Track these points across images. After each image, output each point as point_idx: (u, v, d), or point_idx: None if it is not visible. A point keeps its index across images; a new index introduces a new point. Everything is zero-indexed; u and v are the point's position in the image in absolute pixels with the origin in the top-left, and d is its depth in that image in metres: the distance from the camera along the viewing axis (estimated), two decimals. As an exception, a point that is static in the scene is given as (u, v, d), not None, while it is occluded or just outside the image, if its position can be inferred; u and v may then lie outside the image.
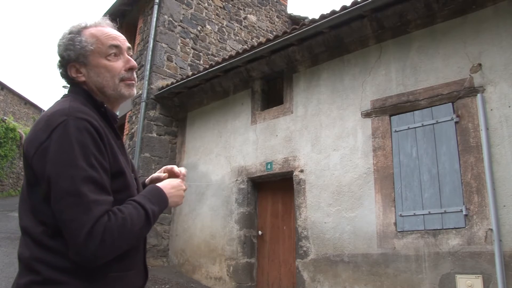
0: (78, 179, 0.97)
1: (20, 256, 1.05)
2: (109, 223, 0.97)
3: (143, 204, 1.08)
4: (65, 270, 0.99)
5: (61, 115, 1.04)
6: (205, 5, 9.26)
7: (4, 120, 14.13)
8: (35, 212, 1.05)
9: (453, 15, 4.53)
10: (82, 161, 0.98)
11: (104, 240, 0.95)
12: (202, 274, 6.56)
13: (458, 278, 3.89)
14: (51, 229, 1.01)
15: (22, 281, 1.01)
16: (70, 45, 1.17)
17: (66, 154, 0.98)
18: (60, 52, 1.18)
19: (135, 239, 1.06)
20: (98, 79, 1.18)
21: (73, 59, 1.17)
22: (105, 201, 1.00)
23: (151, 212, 1.09)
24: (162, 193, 1.18)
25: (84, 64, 1.17)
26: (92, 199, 0.96)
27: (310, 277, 5.09)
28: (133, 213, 1.04)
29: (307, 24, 5.47)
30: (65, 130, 1.00)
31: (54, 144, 0.99)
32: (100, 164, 1.03)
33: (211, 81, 7.16)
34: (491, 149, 3.99)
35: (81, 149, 0.99)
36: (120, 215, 1.00)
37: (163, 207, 1.17)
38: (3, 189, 14.30)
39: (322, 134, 5.44)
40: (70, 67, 1.18)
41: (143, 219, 1.06)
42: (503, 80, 4.07)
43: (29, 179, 1.07)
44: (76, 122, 1.02)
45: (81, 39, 1.17)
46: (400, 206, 4.49)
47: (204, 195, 6.96)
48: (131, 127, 8.21)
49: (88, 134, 1.02)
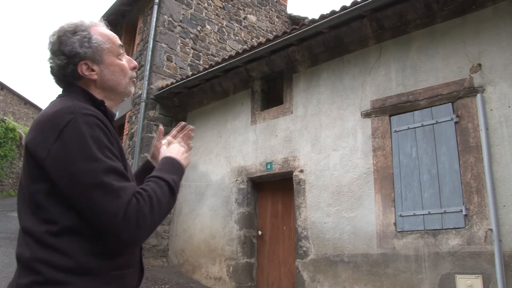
0: (100, 171, 0.98)
1: (20, 256, 1.03)
2: (139, 204, 0.99)
3: (162, 177, 1.12)
4: (69, 270, 0.98)
5: (66, 113, 1.02)
6: (205, 5, 9.26)
7: (4, 120, 14.12)
8: (37, 210, 1.03)
9: (453, 15, 4.53)
10: (99, 154, 1.00)
11: (138, 222, 0.98)
12: (202, 274, 6.56)
13: (458, 278, 3.89)
14: (57, 228, 1.00)
15: (23, 281, 0.99)
16: (86, 42, 1.15)
17: (83, 150, 0.99)
18: (74, 49, 1.14)
19: (165, 212, 1.09)
20: (113, 77, 1.20)
21: (88, 57, 1.16)
22: (131, 186, 1.02)
23: (172, 182, 1.13)
24: (176, 161, 1.23)
25: (98, 62, 1.17)
26: (118, 186, 0.99)
27: (310, 277, 5.09)
28: (156, 188, 1.07)
29: (307, 24, 5.47)
30: (76, 127, 1.00)
31: (67, 142, 0.99)
32: (115, 155, 1.05)
33: (211, 81, 7.16)
34: (491, 149, 3.99)
35: (96, 143, 1.01)
36: (145, 194, 1.03)
37: (181, 174, 1.22)
38: (2, 189, 14.30)
39: (322, 134, 5.44)
40: (82, 65, 1.16)
41: (167, 191, 1.10)
42: (503, 80, 4.08)
43: (36, 181, 1.04)
44: (85, 118, 1.02)
45: (96, 37, 1.17)
46: (400, 206, 4.49)
47: (204, 195, 6.96)
48: (131, 127, 8.21)
49: (98, 128, 1.03)
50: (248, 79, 6.74)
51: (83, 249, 1.00)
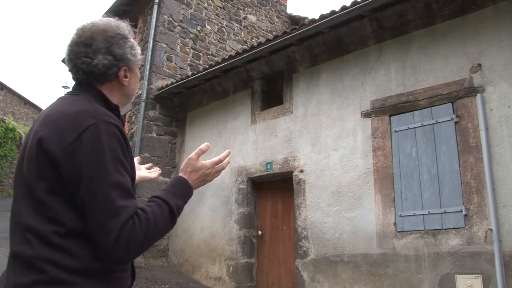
0: (108, 184, 0.99)
1: (19, 255, 1.02)
2: (134, 227, 1.00)
3: (166, 200, 1.12)
4: (75, 271, 0.99)
5: (89, 117, 1.03)
6: (205, 5, 9.26)
7: (4, 120, 14.11)
8: (41, 208, 1.02)
9: (452, 15, 4.53)
10: (111, 166, 1.01)
11: (129, 245, 0.98)
12: (202, 274, 6.56)
13: (457, 278, 3.89)
14: (65, 229, 1.00)
15: (23, 280, 0.98)
16: (132, 49, 1.22)
17: (97, 159, 1.00)
18: (125, 54, 1.20)
19: (160, 236, 1.10)
20: (134, 87, 1.29)
21: (130, 64, 1.22)
22: (132, 206, 1.02)
23: (175, 207, 1.13)
24: (187, 184, 1.23)
25: (131, 70, 1.24)
26: (120, 205, 0.99)
27: (309, 277, 5.09)
28: (157, 211, 1.08)
29: (307, 24, 5.47)
30: (96, 134, 1.01)
31: (85, 147, 1.00)
32: (125, 169, 1.06)
33: (210, 81, 7.16)
34: (491, 149, 3.99)
35: (111, 154, 1.01)
36: (143, 216, 1.03)
37: (187, 198, 1.22)
38: (2, 189, 14.29)
39: (321, 134, 5.44)
40: (123, 70, 1.21)
41: (167, 216, 1.11)
42: (502, 80, 4.08)
43: (39, 174, 1.03)
44: (106, 126, 1.03)
45: (137, 47, 1.26)
46: (400, 206, 4.49)
47: (204, 195, 6.96)
48: (131, 127, 8.21)
49: (116, 140, 1.04)
50: (248, 79, 6.74)
51: (89, 251, 1.01)
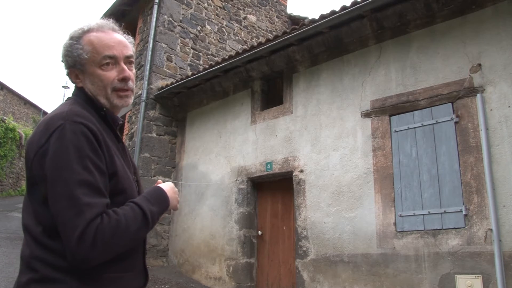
0: (72, 182, 0.99)
1: (22, 255, 1.08)
2: (101, 225, 0.97)
3: (140, 204, 1.09)
4: (62, 269, 1.01)
5: (59, 119, 1.07)
6: (205, 5, 9.26)
7: (4, 120, 14.11)
8: (35, 212, 1.08)
9: (452, 15, 4.53)
10: (76, 164, 1.00)
11: (95, 243, 0.96)
12: (202, 274, 6.56)
13: (457, 278, 3.89)
14: (49, 230, 1.04)
15: (23, 279, 1.04)
16: (69, 51, 1.20)
17: (62, 158, 1.01)
18: (62, 58, 1.23)
19: (131, 240, 1.05)
20: (93, 87, 1.20)
21: (71, 65, 1.21)
22: (99, 204, 1.00)
23: (149, 212, 1.09)
24: (163, 193, 1.19)
25: (81, 71, 1.20)
26: (85, 202, 0.98)
27: (309, 277, 5.09)
28: (129, 214, 1.05)
29: (307, 24, 5.47)
30: (62, 134, 1.03)
31: (51, 148, 1.03)
32: (96, 166, 1.04)
33: (210, 81, 7.16)
34: (491, 149, 3.99)
35: (76, 153, 1.01)
36: (114, 216, 1.01)
37: (163, 207, 1.17)
38: (2, 189, 14.29)
39: (321, 134, 5.44)
40: (71, 72, 1.23)
41: (139, 220, 1.06)
42: (502, 80, 4.08)
43: (29, 181, 1.10)
44: (72, 126, 1.05)
45: (78, 46, 1.18)
46: (400, 206, 4.49)
47: (204, 195, 6.96)
48: (131, 127, 8.21)
49: (84, 138, 1.04)
50: (248, 79, 6.74)
51: None
